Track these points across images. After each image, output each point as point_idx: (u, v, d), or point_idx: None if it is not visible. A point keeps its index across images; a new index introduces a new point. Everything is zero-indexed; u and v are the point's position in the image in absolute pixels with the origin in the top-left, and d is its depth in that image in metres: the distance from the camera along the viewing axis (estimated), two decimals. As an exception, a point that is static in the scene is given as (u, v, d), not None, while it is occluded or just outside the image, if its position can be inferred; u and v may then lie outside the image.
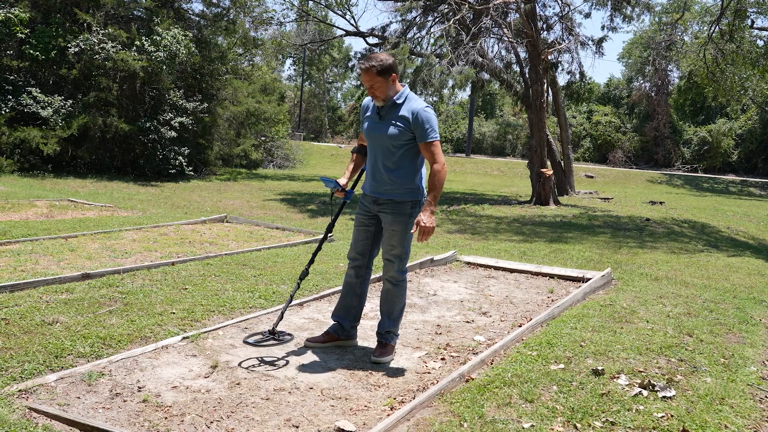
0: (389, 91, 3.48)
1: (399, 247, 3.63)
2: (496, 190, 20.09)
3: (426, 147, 3.47)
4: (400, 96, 3.51)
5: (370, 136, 3.62)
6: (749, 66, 21.22)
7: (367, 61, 3.43)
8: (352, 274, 3.82)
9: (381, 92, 3.47)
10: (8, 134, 14.30)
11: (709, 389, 3.34)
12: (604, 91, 42.30)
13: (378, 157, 3.60)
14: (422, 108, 3.46)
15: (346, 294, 3.85)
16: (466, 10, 13.71)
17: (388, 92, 3.48)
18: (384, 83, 3.44)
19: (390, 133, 3.50)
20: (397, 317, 3.76)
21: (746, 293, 5.99)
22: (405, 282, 3.73)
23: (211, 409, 2.91)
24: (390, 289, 3.71)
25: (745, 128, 34.78)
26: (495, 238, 9.17)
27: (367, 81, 3.45)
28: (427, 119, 3.44)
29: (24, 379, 3.08)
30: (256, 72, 23.58)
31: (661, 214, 13.35)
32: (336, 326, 3.86)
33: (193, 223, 8.45)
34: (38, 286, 4.65)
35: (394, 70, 3.45)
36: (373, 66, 3.40)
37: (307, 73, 46.38)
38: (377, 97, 3.50)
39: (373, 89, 3.47)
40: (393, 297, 3.71)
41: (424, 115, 3.44)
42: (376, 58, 3.44)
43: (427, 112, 3.46)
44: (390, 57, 3.48)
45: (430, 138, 3.45)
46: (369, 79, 3.44)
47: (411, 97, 3.53)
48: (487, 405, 3.01)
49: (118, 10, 16.60)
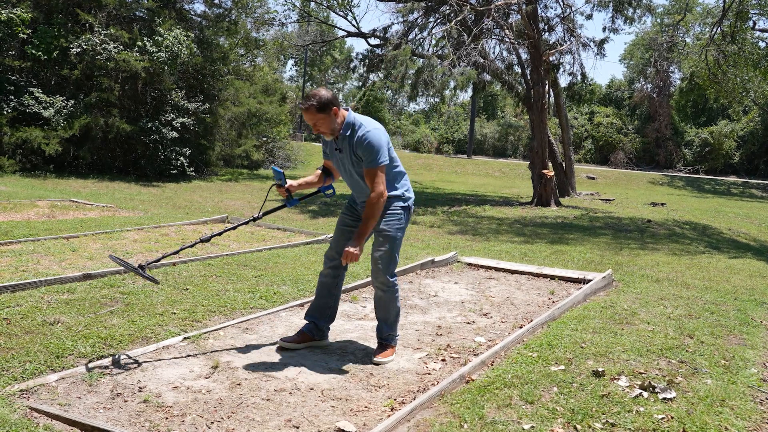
0: (333, 124, 3.50)
1: (388, 249, 3.61)
2: (498, 191, 20.09)
3: (367, 173, 3.51)
4: (346, 127, 3.52)
5: (337, 168, 3.74)
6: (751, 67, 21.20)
7: (306, 101, 3.46)
8: (329, 273, 3.83)
9: (325, 127, 3.50)
10: (10, 134, 14.33)
11: (710, 391, 3.34)
12: (606, 93, 42.29)
13: (352, 185, 3.70)
14: (365, 133, 3.46)
15: (322, 294, 3.86)
16: (468, 11, 13.71)
17: (333, 126, 3.50)
18: (326, 118, 3.47)
19: (352, 163, 3.59)
20: (394, 321, 3.76)
21: (747, 295, 5.99)
22: (396, 287, 3.70)
23: (212, 410, 2.92)
24: (381, 296, 3.71)
25: (746, 130, 34.75)
26: (496, 239, 9.17)
27: (309, 119, 3.48)
28: (370, 145, 3.45)
29: (25, 379, 3.08)
30: (258, 73, 23.59)
31: (662, 216, 13.35)
32: (311, 326, 3.85)
33: (195, 223, 8.45)
34: (40, 286, 4.66)
35: (333, 104, 3.47)
36: (312, 104, 3.43)
37: (308, 73, 46.41)
38: (323, 132, 3.54)
39: (316, 126, 3.50)
40: (386, 303, 3.71)
41: (366, 142, 3.45)
42: (314, 95, 3.46)
43: (369, 137, 3.45)
44: (329, 92, 3.49)
45: (370, 165, 3.48)
46: (311, 117, 3.47)
47: (356, 124, 3.51)
48: (487, 406, 3.01)
49: (120, 10, 16.62)
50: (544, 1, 15.77)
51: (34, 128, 14.58)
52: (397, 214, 3.66)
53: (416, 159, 32.62)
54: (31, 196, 10.53)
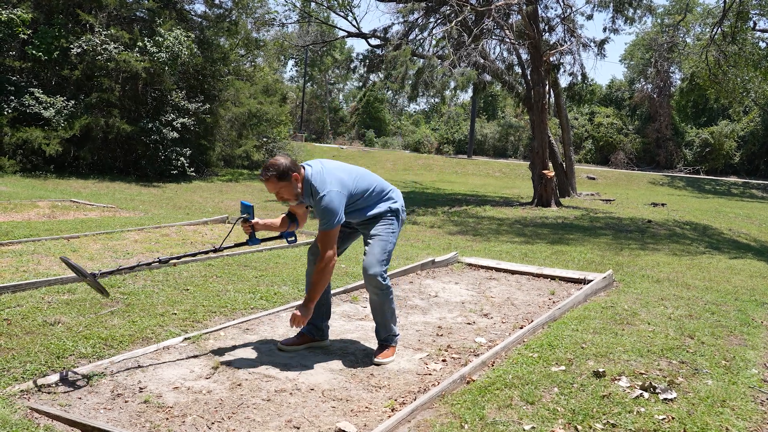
0: (295, 190, 3.49)
1: (379, 252, 3.60)
2: (498, 191, 20.09)
3: (319, 235, 3.51)
4: (303, 193, 3.52)
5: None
6: (751, 68, 21.20)
7: (266, 172, 3.44)
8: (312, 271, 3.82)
9: (288, 194, 3.50)
10: (11, 135, 14.34)
11: (711, 391, 3.33)
12: (606, 93, 42.28)
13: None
14: (321, 197, 3.43)
15: None
16: (468, 11, 13.71)
17: (295, 191, 3.49)
18: (288, 186, 3.46)
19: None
20: (391, 322, 3.74)
21: (748, 295, 5.99)
22: (389, 288, 3.66)
23: (213, 410, 2.91)
24: (375, 299, 3.69)
25: (747, 130, 34.74)
26: (496, 240, 9.17)
27: (271, 189, 3.48)
28: (325, 210, 3.43)
29: (25, 380, 3.09)
30: (258, 73, 23.59)
31: (662, 216, 13.34)
32: (310, 327, 3.83)
33: (195, 223, 8.46)
34: (40, 286, 4.66)
35: (293, 170, 3.45)
36: (273, 174, 3.42)
37: (309, 74, 46.41)
38: (287, 199, 3.54)
39: (280, 194, 3.50)
40: (380, 305, 3.69)
41: (322, 206, 3.44)
42: (273, 165, 3.44)
43: (324, 203, 3.42)
44: (287, 158, 3.48)
45: (322, 228, 3.47)
46: (272, 187, 3.46)
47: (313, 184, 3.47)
48: (488, 406, 3.01)
49: (121, 11, 16.64)
50: (544, 2, 15.79)
51: (34, 128, 14.59)
52: (387, 219, 3.67)
53: (416, 159, 32.62)
54: (31, 196, 10.53)
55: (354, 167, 3.70)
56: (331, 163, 3.59)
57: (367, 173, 3.71)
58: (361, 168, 3.75)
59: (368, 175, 3.70)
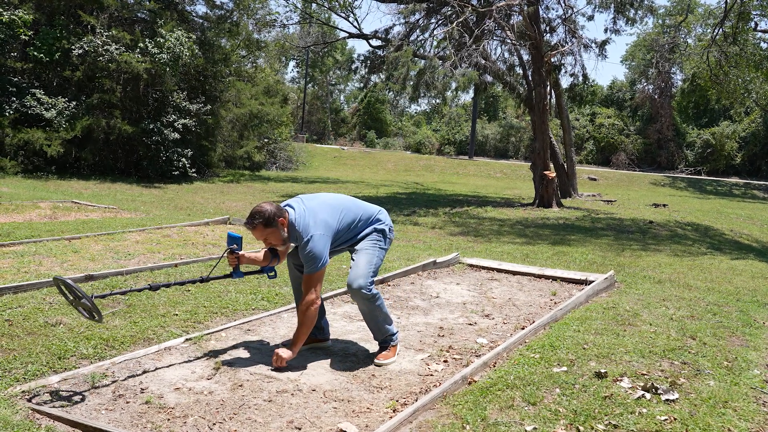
0: (282, 234, 3.47)
1: (365, 265, 3.58)
2: (499, 192, 20.08)
3: (304, 278, 3.50)
4: (290, 237, 3.51)
5: None
6: (753, 68, 21.21)
7: (252, 220, 3.42)
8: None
9: (276, 240, 3.48)
10: (12, 136, 14.36)
11: (713, 392, 3.33)
12: (607, 94, 42.27)
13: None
14: (307, 241, 3.42)
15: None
16: (469, 12, 13.71)
17: (282, 236, 3.48)
18: (275, 231, 3.45)
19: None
20: (385, 325, 3.71)
21: (750, 296, 5.98)
22: (376, 295, 3.60)
23: (214, 411, 2.91)
24: (364, 309, 3.67)
25: (748, 131, 34.73)
26: (498, 241, 9.17)
27: (258, 236, 3.47)
28: (311, 254, 3.42)
29: (27, 381, 3.09)
30: (260, 74, 23.63)
31: (664, 217, 13.33)
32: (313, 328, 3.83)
33: (196, 224, 8.46)
34: (41, 287, 4.66)
35: (279, 215, 3.44)
36: (260, 222, 3.40)
37: (310, 75, 46.43)
38: (275, 245, 3.52)
39: (267, 241, 3.49)
40: (371, 313, 3.66)
41: (303, 251, 3.44)
42: (258, 213, 3.42)
43: (310, 247, 3.41)
44: (272, 205, 3.46)
45: (308, 271, 3.46)
46: (260, 234, 3.45)
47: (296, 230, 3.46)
48: (489, 407, 3.00)
49: (122, 12, 16.66)
50: (545, 2, 15.79)
51: (36, 130, 14.61)
52: (374, 236, 3.67)
53: (418, 160, 32.62)
54: (33, 197, 10.54)
55: (338, 200, 3.65)
56: (313, 202, 3.55)
57: (352, 204, 3.68)
58: (344, 198, 3.72)
59: (353, 207, 3.66)
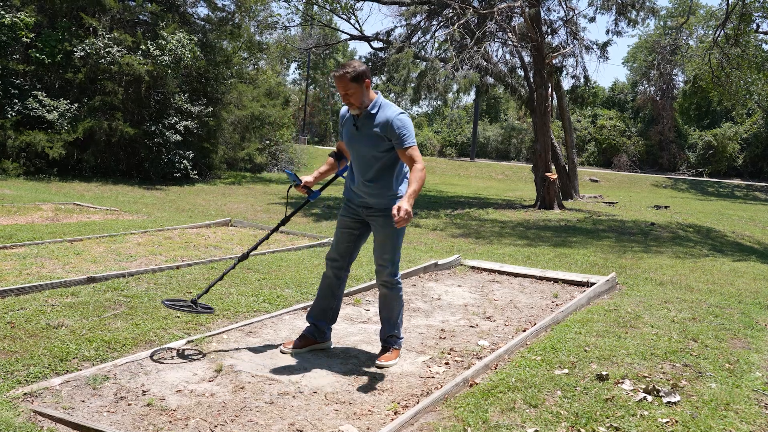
0: (364, 98, 3.48)
1: (390, 251, 3.65)
2: (501, 194, 20.07)
3: (403, 152, 3.49)
4: (373, 105, 3.51)
5: (350, 147, 3.67)
6: (754, 70, 21.21)
7: (341, 69, 3.45)
8: (332, 275, 3.83)
9: (356, 99, 3.47)
10: (14, 138, 14.37)
11: (714, 395, 3.32)
12: (609, 95, 42.29)
13: (360, 167, 3.64)
14: (396, 115, 3.46)
15: (324, 295, 3.85)
16: (471, 14, 13.72)
17: (363, 99, 3.48)
18: (358, 89, 3.45)
19: (368, 144, 3.54)
20: (398, 321, 3.77)
21: (752, 298, 5.97)
22: (400, 285, 3.74)
23: (215, 413, 2.92)
24: (386, 293, 3.73)
25: (750, 132, 34.71)
26: (499, 243, 9.16)
27: (341, 88, 3.46)
28: (402, 125, 3.45)
29: (29, 383, 3.09)
30: (261, 76, 23.64)
31: (665, 219, 13.32)
32: (312, 329, 3.84)
33: (198, 226, 8.46)
34: (43, 289, 4.67)
35: (367, 76, 3.46)
36: (347, 72, 3.42)
37: (311, 77, 46.48)
38: (352, 104, 3.50)
39: (347, 96, 3.47)
40: (390, 301, 3.73)
41: (398, 122, 3.44)
42: (349, 64, 3.47)
43: (402, 118, 3.46)
44: (363, 64, 3.50)
45: (407, 144, 3.46)
46: (343, 87, 3.44)
47: (385, 105, 3.53)
48: (491, 410, 3.00)
49: (124, 14, 16.68)
50: (547, 4, 15.78)
51: (38, 132, 14.63)
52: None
53: (419, 162, 32.55)
54: (35, 199, 10.56)
55: None
56: None
57: None
58: None
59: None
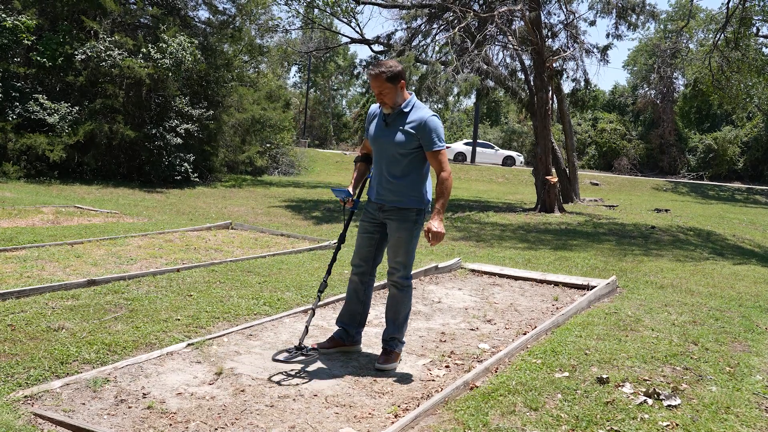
0: (397, 98, 3.51)
1: (403, 254, 3.67)
2: (501, 197, 20.07)
3: (433, 155, 3.50)
4: (407, 104, 3.54)
5: (376, 143, 3.65)
6: (755, 74, 21.21)
7: (377, 67, 3.48)
8: (357, 280, 3.84)
9: (389, 99, 3.50)
10: (15, 141, 14.39)
11: (715, 398, 3.32)
12: (609, 99, 42.30)
13: (384, 164, 3.62)
14: (429, 116, 3.49)
15: (351, 300, 3.87)
16: (471, 17, 13.73)
17: (396, 99, 3.51)
18: (393, 89, 3.48)
19: (397, 141, 3.53)
20: (402, 324, 3.76)
21: (752, 301, 5.97)
22: (410, 287, 3.75)
23: (216, 416, 2.92)
24: (395, 294, 3.74)
25: (750, 136, 34.71)
26: (500, 246, 9.16)
27: (376, 87, 3.48)
28: (435, 128, 3.47)
29: (29, 385, 3.09)
30: (262, 79, 23.64)
31: (666, 222, 13.32)
32: (341, 332, 3.88)
33: (198, 229, 8.47)
34: (44, 292, 4.67)
35: (402, 77, 3.49)
36: (383, 72, 3.45)
37: (312, 80, 46.52)
38: (385, 103, 3.52)
39: (381, 95, 3.50)
40: (398, 302, 3.74)
41: (431, 123, 3.47)
42: (385, 64, 3.50)
43: (435, 121, 3.49)
44: (399, 64, 3.53)
45: (437, 147, 3.48)
46: (378, 85, 3.47)
47: (418, 106, 3.56)
48: (491, 413, 3.00)
49: (125, 17, 16.71)
50: (547, 8, 15.79)
51: (38, 134, 14.64)
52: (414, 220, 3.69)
53: (420, 165, 32.53)
54: (35, 202, 10.56)
55: None
56: None
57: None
58: None
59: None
